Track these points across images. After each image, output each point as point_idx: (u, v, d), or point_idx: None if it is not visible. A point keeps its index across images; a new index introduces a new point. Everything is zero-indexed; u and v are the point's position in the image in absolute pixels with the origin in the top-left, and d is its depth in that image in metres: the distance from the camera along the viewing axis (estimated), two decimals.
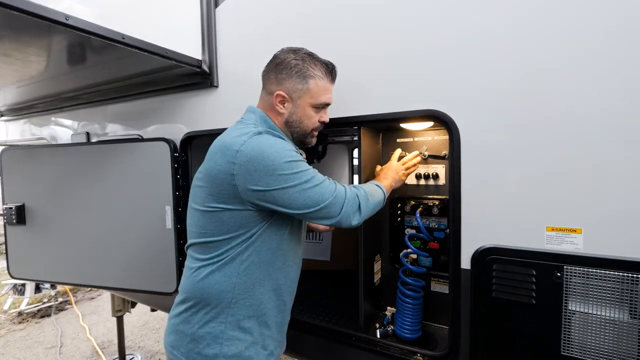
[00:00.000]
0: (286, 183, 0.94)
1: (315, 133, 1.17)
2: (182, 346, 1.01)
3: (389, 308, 1.61)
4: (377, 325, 1.54)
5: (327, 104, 1.14)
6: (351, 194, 1.02)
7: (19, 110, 2.64)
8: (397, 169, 1.32)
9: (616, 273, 0.93)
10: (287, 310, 1.15)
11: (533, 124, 1.02)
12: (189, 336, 1.00)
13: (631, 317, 0.93)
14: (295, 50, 1.10)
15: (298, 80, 1.07)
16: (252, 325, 1.02)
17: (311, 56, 1.10)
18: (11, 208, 2.05)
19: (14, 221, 2.05)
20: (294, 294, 1.18)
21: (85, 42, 1.27)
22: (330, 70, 1.12)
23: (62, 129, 2.48)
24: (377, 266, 1.67)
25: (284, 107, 1.09)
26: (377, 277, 1.66)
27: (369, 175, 1.53)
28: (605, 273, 0.95)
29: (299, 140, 1.15)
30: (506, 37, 1.05)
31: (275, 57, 1.12)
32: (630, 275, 0.92)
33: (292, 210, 0.96)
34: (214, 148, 1.02)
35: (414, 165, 1.36)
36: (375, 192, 1.12)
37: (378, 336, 1.46)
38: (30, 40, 1.25)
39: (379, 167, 1.41)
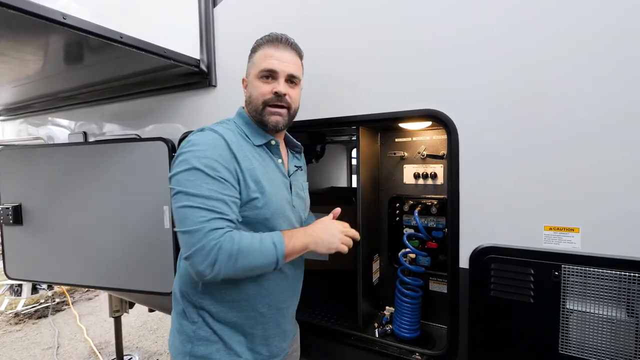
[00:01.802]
0: (175, 185, 0.86)
1: (272, 109, 1.00)
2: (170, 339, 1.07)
3: (387, 307, 1.61)
4: (376, 325, 1.55)
5: (272, 71, 0.99)
6: (212, 243, 0.81)
7: (16, 110, 2.63)
8: (333, 231, 0.99)
9: (613, 272, 0.94)
10: (269, 323, 1.03)
11: (531, 123, 1.03)
12: (172, 329, 1.05)
13: (628, 316, 0.94)
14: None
15: (249, 58, 1.06)
16: (224, 331, 0.97)
17: (268, 36, 1.04)
18: (8, 208, 2.03)
19: (11, 221, 2.04)
20: (276, 307, 1.03)
21: (82, 41, 1.26)
22: (273, 37, 1.02)
23: (59, 128, 2.47)
24: (376, 266, 1.67)
25: (246, 90, 1.07)
26: (375, 276, 1.66)
27: (367, 175, 1.54)
28: (603, 272, 0.95)
29: (258, 121, 1.03)
30: (505, 37, 1.06)
31: None
32: (627, 274, 0.93)
33: None
34: None
35: (352, 238, 1.04)
36: (261, 253, 0.86)
37: (377, 336, 1.46)
38: (27, 39, 1.24)
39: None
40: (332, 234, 0.99)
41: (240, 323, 0.99)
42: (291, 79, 1.03)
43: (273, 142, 1.05)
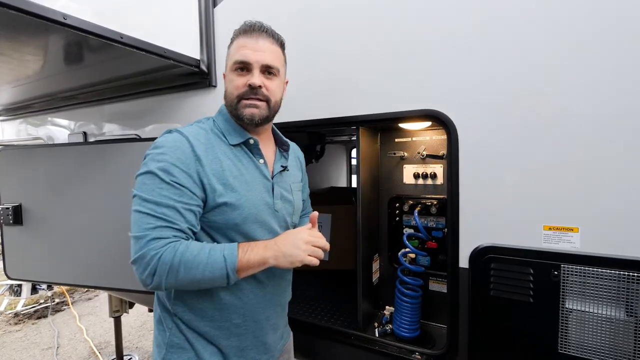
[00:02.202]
0: (134, 187, 0.84)
1: (247, 102, 0.92)
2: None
3: (387, 307, 1.61)
4: (376, 325, 1.55)
5: (245, 62, 0.91)
6: (152, 253, 0.78)
7: (15, 110, 2.62)
8: (297, 242, 0.89)
9: (612, 271, 0.94)
10: (245, 335, 0.96)
11: (531, 123, 1.03)
12: (153, 337, 1.02)
13: (627, 315, 0.94)
14: None
15: (227, 52, 0.99)
16: (197, 340, 0.92)
17: (242, 25, 0.97)
18: (8, 208, 2.03)
19: (11, 221, 2.04)
20: (252, 318, 0.96)
21: (82, 41, 1.26)
22: (248, 26, 0.94)
23: (59, 128, 2.47)
24: (376, 266, 1.68)
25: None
26: (375, 276, 1.67)
27: (367, 175, 1.54)
28: (602, 271, 0.95)
29: (235, 116, 0.95)
30: (504, 37, 1.06)
31: None
32: (626, 273, 0.93)
33: None
34: None
35: (322, 249, 0.94)
36: (207, 266, 0.80)
37: (377, 335, 1.46)
38: (27, 39, 1.24)
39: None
40: (296, 245, 0.88)
41: (212, 333, 0.93)
42: (268, 70, 0.94)
43: (252, 141, 0.96)
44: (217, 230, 0.90)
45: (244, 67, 0.92)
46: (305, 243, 0.90)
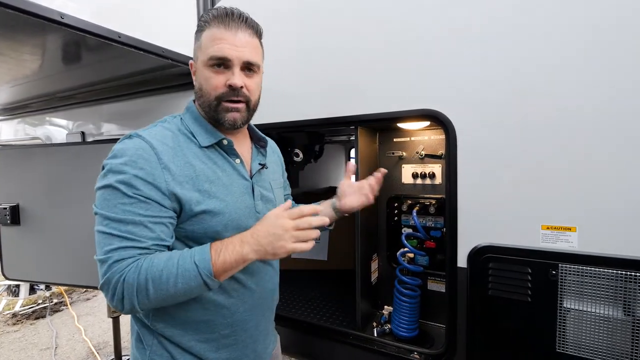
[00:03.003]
0: (95, 203, 0.76)
1: (228, 104, 0.83)
2: None
3: (386, 307, 1.61)
4: (375, 324, 1.55)
5: (223, 59, 0.81)
6: (116, 276, 0.70)
7: (13, 110, 2.61)
8: (276, 230, 0.74)
9: (610, 271, 0.95)
10: (235, 345, 0.90)
11: (529, 123, 1.03)
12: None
13: (625, 314, 0.94)
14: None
15: (195, 39, 0.85)
16: (183, 356, 0.85)
17: (216, 8, 0.84)
18: (5, 208, 2.03)
19: (8, 221, 2.03)
20: (241, 327, 0.90)
21: (80, 41, 1.26)
22: (224, 14, 0.82)
23: (57, 128, 2.46)
24: (374, 265, 1.68)
25: (195, 77, 0.87)
26: (374, 276, 1.67)
27: (366, 175, 1.54)
28: (600, 271, 0.96)
29: (212, 118, 0.86)
30: (503, 37, 1.06)
31: None
32: (623, 272, 0.93)
33: None
34: None
35: (313, 233, 0.77)
36: (178, 278, 0.71)
37: (375, 335, 1.47)
38: (24, 38, 1.24)
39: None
40: (276, 234, 0.74)
41: (198, 348, 0.85)
42: (248, 67, 0.84)
43: (225, 142, 0.86)
44: (195, 241, 0.81)
45: (221, 63, 0.81)
46: (286, 230, 0.74)
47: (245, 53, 0.82)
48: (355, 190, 1.10)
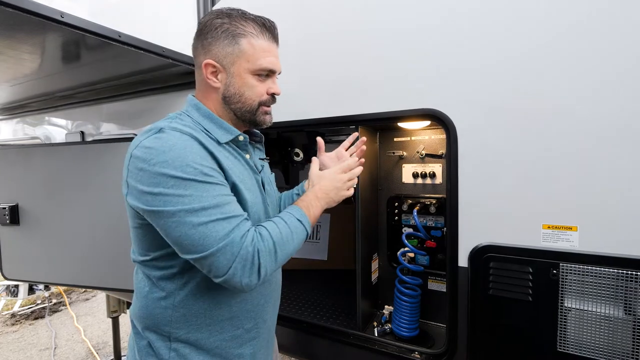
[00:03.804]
0: (163, 206, 0.71)
1: (268, 109, 0.92)
2: None
3: (386, 307, 1.61)
4: (375, 324, 1.55)
5: (272, 71, 0.89)
6: (250, 249, 0.73)
7: (12, 110, 2.61)
8: (337, 183, 0.95)
9: (611, 270, 0.95)
10: (257, 339, 0.93)
11: (530, 123, 1.03)
12: None
13: (626, 314, 0.94)
14: (220, 10, 0.88)
15: (227, 42, 0.84)
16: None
17: (239, 12, 0.88)
18: (5, 208, 2.02)
19: (8, 221, 2.03)
20: (262, 319, 0.94)
21: (80, 40, 1.26)
22: (266, 27, 0.88)
23: (56, 128, 2.46)
24: (375, 265, 1.68)
25: (217, 79, 0.87)
26: (374, 275, 1.67)
27: (366, 175, 1.54)
28: (601, 270, 0.96)
29: (247, 120, 0.91)
30: (503, 36, 1.06)
31: (198, 23, 0.90)
32: (625, 272, 0.93)
33: (172, 244, 0.75)
34: None
35: (354, 176, 1.00)
36: (294, 235, 0.82)
37: (376, 335, 1.46)
38: (23, 37, 1.23)
39: (314, 173, 1.00)
40: (337, 187, 0.95)
41: (224, 346, 0.86)
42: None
43: (242, 138, 0.90)
44: None
45: (267, 74, 0.89)
46: (344, 182, 0.96)
47: (280, 65, 0.93)
48: (333, 159, 1.15)
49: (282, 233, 0.80)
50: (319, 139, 1.10)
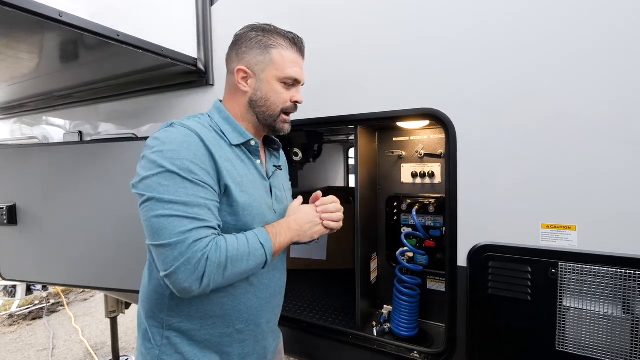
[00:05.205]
0: (144, 190, 0.77)
1: (287, 117, 0.98)
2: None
3: (385, 306, 1.61)
4: (374, 324, 1.55)
5: (297, 81, 0.96)
6: (199, 254, 0.73)
7: (10, 109, 2.60)
8: (313, 218, 0.97)
9: (610, 269, 0.95)
10: (247, 340, 0.94)
11: (529, 122, 1.04)
12: (137, 354, 0.94)
13: (624, 313, 0.94)
14: (254, 25, 0.97)
15: (259, 52, 0.92)
16: (194, 354, 0.88)
17: (272, 27, 0.96)
18: (2, 208, 2.01)
19: (5, 221, 2.02)
20: (254, 322, 0.95)
21: (78, 39, 1.25)
22: (294, 41, 0.96)
23: (54, 128, 2.45)
24: (374, 265, 1.68)
25: (247, 84, 0.94)
26: (373, 275, 1.67)
27: (365, 175, 1.54)
28: (599, 269, 0.96)
29: (268, 125, 0.97)
30: (503, 36, 1.06)
31: (234, 35, 0.99)
32: (623, 271, 0.93)
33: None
34: None
35: (337, 215, 1.01)
36: (250, 256, 0.81)
37: (375, 334, 1.46)
38: (22, 36, 1.23)
39: (294, 205, 1.01)
40: (311, 221, 0.96)
41: (214, 341, 0.89)
42: None
43: (253, 143, 0.94)
44: (224, 231, 0.85)
45: (292, 83, 0.95)
46: (318, 217, 0.97)
47: (305, 77, 0.99)
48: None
49: (239, 250, 0.79)
50: (318, 193, 1.06)
